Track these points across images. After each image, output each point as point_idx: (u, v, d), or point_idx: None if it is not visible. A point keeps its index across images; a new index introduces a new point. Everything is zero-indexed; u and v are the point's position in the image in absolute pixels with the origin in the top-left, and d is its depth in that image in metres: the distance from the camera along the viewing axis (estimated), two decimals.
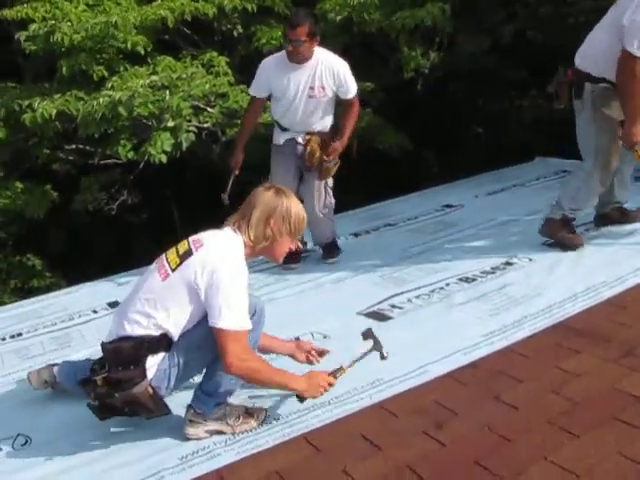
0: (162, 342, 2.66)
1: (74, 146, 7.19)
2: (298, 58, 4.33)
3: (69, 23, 6.49)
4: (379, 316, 3.70)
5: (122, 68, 6.85)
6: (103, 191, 7.68)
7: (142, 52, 6.79)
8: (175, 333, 2.67)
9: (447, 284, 3.99)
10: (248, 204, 2.79)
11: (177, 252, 2.74)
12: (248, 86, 7.15)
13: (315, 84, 4.39)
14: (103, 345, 2.72)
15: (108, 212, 7.71)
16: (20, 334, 4.16)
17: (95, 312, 4.36)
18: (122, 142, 6.57)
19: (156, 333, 2.65)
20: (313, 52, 4.36)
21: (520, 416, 2.60)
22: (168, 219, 8.73)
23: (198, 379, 2.82)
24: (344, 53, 7.96)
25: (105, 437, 2.80)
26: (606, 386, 2.70)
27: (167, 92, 6.28)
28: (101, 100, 6.04)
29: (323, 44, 4.44)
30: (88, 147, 7.04)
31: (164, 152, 6.31)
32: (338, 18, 6.99)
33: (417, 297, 3.88)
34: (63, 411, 3.05)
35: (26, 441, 2.85)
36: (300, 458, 2.54)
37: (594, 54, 4.00)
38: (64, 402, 3.13)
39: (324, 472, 2.45)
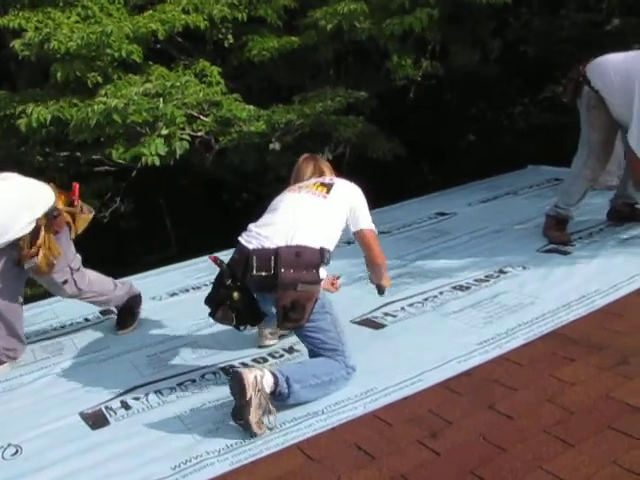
0: (329, 258, 3.06)
1: (66, 153, 7.17)
2: None
3: (64, 32, 6.49)
4: (373, 324, 3.68)
5: (116, 76, 6.84)
6: (96, 199, 7.65)
7: (137, 60, 6.79)
8: (331, 250, 3.11)
9: (441, 292, 3.98)
10: (318, 167, 3.51)
11: (314, 186, 3.29)
12: (241, 95, 7.25)
13: None
14: (263, 250, 2.99)
15: (101, 220, 7.68)
16: None
17: (87, 320, 4.33)
18: (115, 146, 6.55)
19: (327, 247, 3.06)
20: None
21: (515, 425, 2.59)
22: (161, 227, 8.72)
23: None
24: (336, 62, 8.06)
25: (96, 447, 2.78)
26: (601, 395, 2.69)
27: (161, 100, 6.27)
28: (95, 107, 6.02)
29: (315, 53, 4.40)
30: (80, 153, 7.03)
31: (158, 155, 6.29)
32: (329, 27, 7.00)
33: (410, 305, 3.87)
34: (54, 421, 3.03)
35: (16, 451, 2.82)
36: (294, 467, 2.52)
37: (601, 73, 4.25)
38: (55, 412, 3.11)
39: None
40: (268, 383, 2.75)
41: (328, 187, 3.28)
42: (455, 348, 3.22)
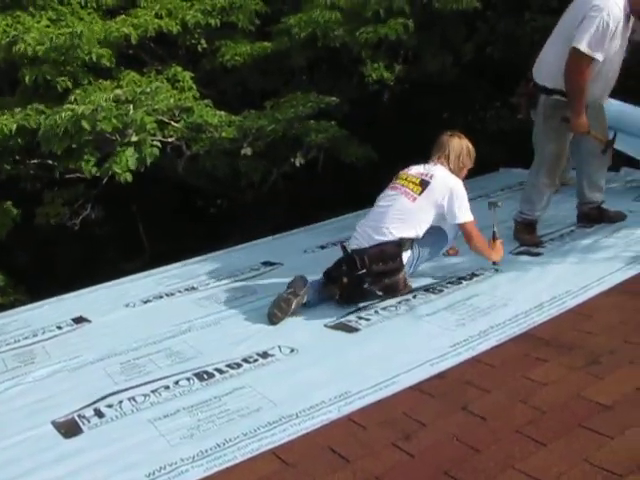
0: (411, 241, 3.95)
1: (37, 160, 7.11)
2: None
3: (32, 34, 6.44)
4: (347, 328, 3.69)
5: (86, 81, 6.80)
6: (66, 206, 7.60)
7: (107, 64, 6.76)
8: (420, 235, 3.97)
9: (414, 295, 4.00)
10: (441, 146, 4.14)
11: (413, 183, 4.01)
12: (213, 100, 7.24)
13: None
14: (361, 250, 3.92)
15: (72, 227, 7.63)
16: None
17: (59, 328, 4.30)
18: (86, 157, 6.50)
19: (409, 235, 3.91)
20: None
21: (488, 426, 2.60)
22: (133, 233, 8.67)
23: None
24: (309, 68, 8.08)
25: (70, 455, 2.75)
26: (572, 394, 2.72)
27: (131, 106, 6.25)
28: (63, 114, 5.98)
29: (288, 59, 4.43)
30: (51, 161, 6.96)
31: (129, 170, 6.27)
32: (302, 34, 7.02)
33: (384, 309, 3.88)
34: (26, 430, 2.99)
35: None
36: (269, 473, 2.51)
37: (548, 66, 4.30)
38: (27, 421, 3.08)
39: None
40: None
41: (423, 187, 3.97)
42: (428, 350, 3.23)
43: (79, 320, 4.39)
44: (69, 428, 2.98)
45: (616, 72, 4.35)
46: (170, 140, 6.98)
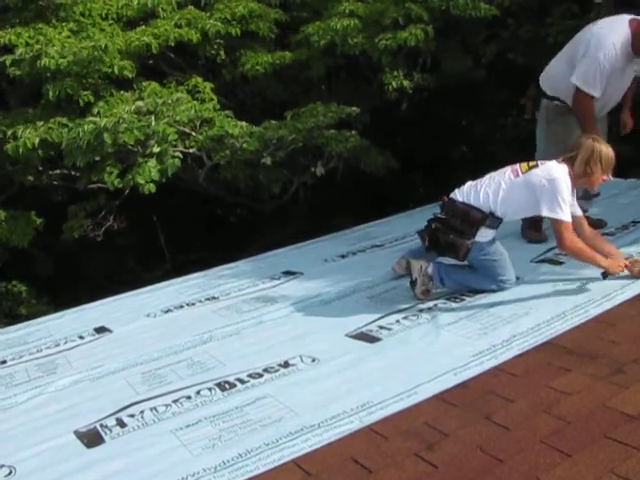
0: (496, 223, 3.91)
1: (59, 172, 7.17)
2: None
3: (55, 48, 6.50)
4: (368, 337, 3.67)
5: (108, 93, 6.86)
6: (89, 218, 7.66)
7: (129, 76, 6.81)
8: (507, 214, 3.90)
9: (435, 304, 3.98)
10: (573, 147, 3.90)
11: (527, 165, 3.91)
12: (234, 111, 7.28)
13: None
14: (456, 200, 3.98)
15: (94, 238, 7.68)
16: (4, 361, 4.10)
17: (81, 338, 4.31)
18: (108, 169, 6.55)
19: (498, 212, 3.87)
20: None
21: (512, 436, 2.58)
22: (154, 243, 8.72)
23: None
24: (328, 76, 8.09)
25: (92, 465, 2.75)
26: (597, 404, 2.69)
27: (152, 118, 6.28)
28: (86, 127, 6.02)
29: (308, 69, 4.46)
30: (73, 172, 7.02)
31: (152, 181, 6.30)
32: (322, 42, 7.04)
33: (405, 318, 3.86)
34: (48, 440, 3.00)
35: (10, 471, 2.79)
36: None
37: (551, 78, 4.58)
38: (49, 431, 3.09)
39: None
40: (429, 271, 3.98)
41: (531, 168, 3.89)
42: (450, 360, 3.21)
43: (101, 330, 4.41)
44: (91, 438, 2.98)
45: (619, 96, 4.60)
46: (191, 151, 7.01)
